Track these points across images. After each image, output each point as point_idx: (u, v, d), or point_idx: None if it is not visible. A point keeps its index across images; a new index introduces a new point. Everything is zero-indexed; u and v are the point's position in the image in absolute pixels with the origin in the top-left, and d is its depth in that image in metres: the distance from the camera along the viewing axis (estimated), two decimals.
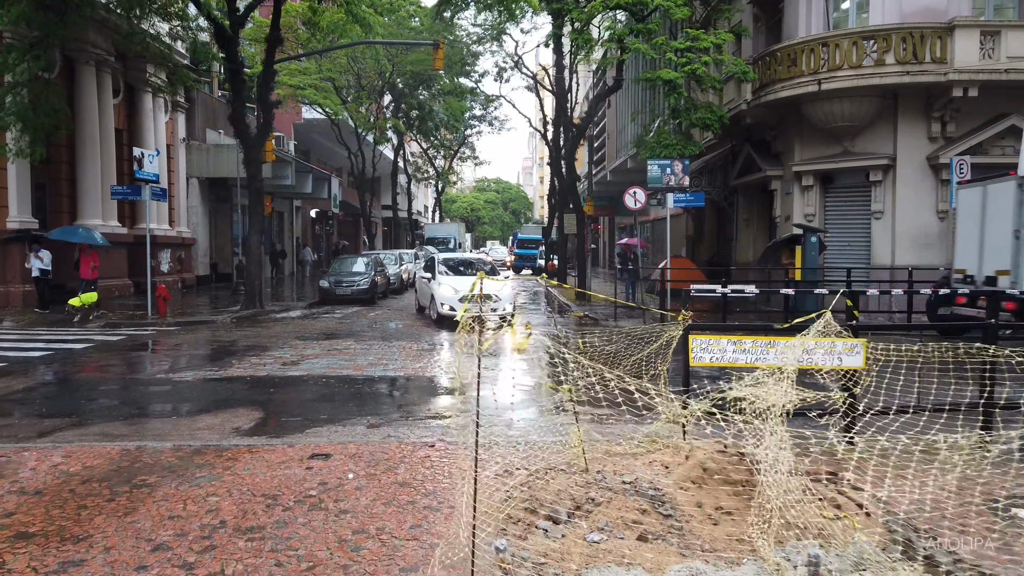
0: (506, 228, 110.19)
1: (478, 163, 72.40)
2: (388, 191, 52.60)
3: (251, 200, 18.83)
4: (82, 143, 20.44)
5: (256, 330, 14.75)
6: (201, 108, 28.58)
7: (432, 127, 46.47)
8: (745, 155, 21.23)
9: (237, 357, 11.20)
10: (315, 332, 14.47)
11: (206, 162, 27.81)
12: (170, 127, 26.04)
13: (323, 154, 45.22)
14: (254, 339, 13.29)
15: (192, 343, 12.87)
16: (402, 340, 13.34)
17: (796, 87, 17.52)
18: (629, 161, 32.87)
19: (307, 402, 7.88)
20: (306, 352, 11.66)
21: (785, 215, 19.59)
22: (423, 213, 75.21)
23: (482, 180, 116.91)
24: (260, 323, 16.23)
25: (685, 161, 16.83)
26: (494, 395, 7.97)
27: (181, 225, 26.57)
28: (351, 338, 13.58)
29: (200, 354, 11.66)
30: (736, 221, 23.39)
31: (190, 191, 27.74)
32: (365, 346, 12.44)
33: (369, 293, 22.25)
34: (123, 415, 7.24)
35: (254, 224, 18.79)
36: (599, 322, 16.94)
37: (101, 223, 20.83)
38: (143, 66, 22.86)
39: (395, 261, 28.31)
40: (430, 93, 43.84)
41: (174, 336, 13.75)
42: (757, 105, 18.90)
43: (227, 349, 12.25)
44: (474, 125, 56.99)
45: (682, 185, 16.81)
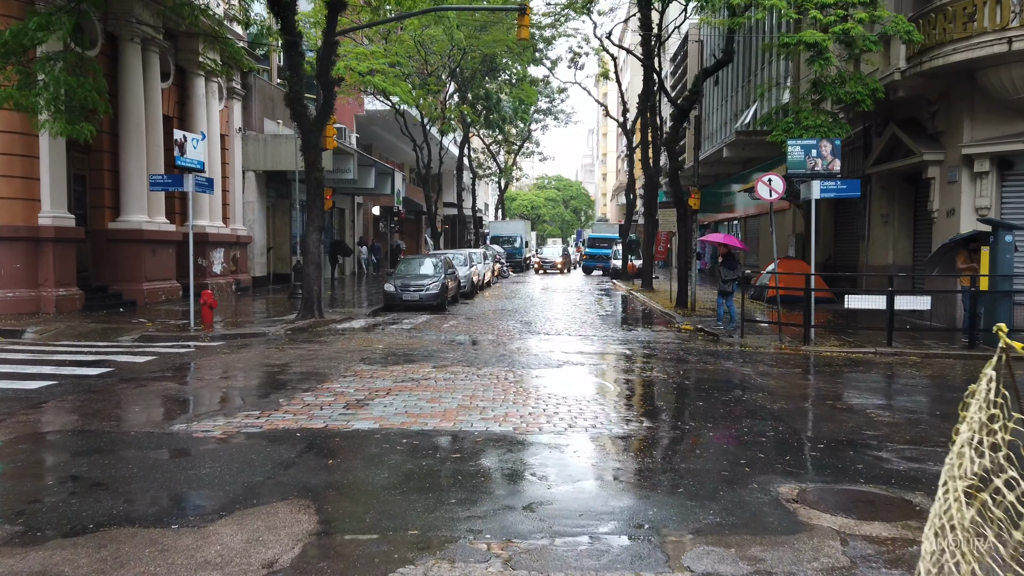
0: (566, 226, 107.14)
1: (543, 158, 69.81)
2: (451, 188, 50.18)
3: (309, 192, 16.34)
4: (126, 130, 18.34)
5: (313, 348, 12.16)
6: (259, 96, 26.45)
7: (497, 119, 43.82)
8: (888, 137, 17.69)
9: (287, 392, 8.55)
10: (382, 352, 11.79)
11: (263, 154, 25.66)
12: (225, 116, 23.93)
13: (385, 148, 43.00)
14: (310, 362, 10.67)
15: (233, 367, 10.32)
16: (492, 366, 10.51)
17: (974, 48, 14.00)
18: (725, 150, 29.42)
19: (384, 491, 5.07)
20: (375, 385, 8.93)
21: (947, 208, 16.03)
22: (484, 211, 72.79)
23: (542, 177, 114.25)
24: (318, 337, 13.68)
25: (836, 141, 13.53)
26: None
27: (236, 222, 24.45)
28: (427, 361, 10.83)
29: (240, 386, 9.05)
30: (868, 217, 19.83)
31: (246, 185, 25.63)
32: (448, 376, 9.66)
33: (439, 299, 19.61)
34: (85, 520, 4.53)
35: (312, 220, 16.30)
36: (746, 348, 13.77)
37: (147, 219, 18.73)
38: (195, 46, 20.70)
39: (464, 262, 25.62)
40: (497, 84, 41.20)
41: (214, 355, 11.25)
42: (915, 75, 15.41)
43: (275, 378, 9.64)
44: (539, 119, 54.25)
45: (831, 171, 13.52)
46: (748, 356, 12.08)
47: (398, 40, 29.92)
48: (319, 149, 16.44)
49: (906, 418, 7.58)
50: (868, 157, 19.05)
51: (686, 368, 10.65)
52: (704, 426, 7.06)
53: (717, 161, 32.49)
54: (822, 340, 13.69)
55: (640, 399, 8.72)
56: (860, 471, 5.65)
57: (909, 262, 18.67)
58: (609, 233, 47.53)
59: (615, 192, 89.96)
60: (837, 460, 5.95)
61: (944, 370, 11.04)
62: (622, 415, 7.53)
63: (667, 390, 9.17)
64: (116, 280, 18.26)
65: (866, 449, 6.32)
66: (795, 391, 9.13)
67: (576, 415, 7.48)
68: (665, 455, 6.13)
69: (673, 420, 7.45)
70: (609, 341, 13.91)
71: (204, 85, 21.85)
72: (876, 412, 7.83)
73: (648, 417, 7.52)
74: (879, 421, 7.40)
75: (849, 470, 5.68)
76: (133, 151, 18.38)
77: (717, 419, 7.38)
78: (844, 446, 6.40)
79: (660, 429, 7.03)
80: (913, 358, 12.08)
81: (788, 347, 13.13)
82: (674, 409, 8.15)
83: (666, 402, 8.51)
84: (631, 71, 64.29)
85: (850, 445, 6.44)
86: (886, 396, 9.11)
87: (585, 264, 46.35)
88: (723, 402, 8.26)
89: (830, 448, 6.31)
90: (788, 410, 7.90)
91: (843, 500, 4.97)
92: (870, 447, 6.41)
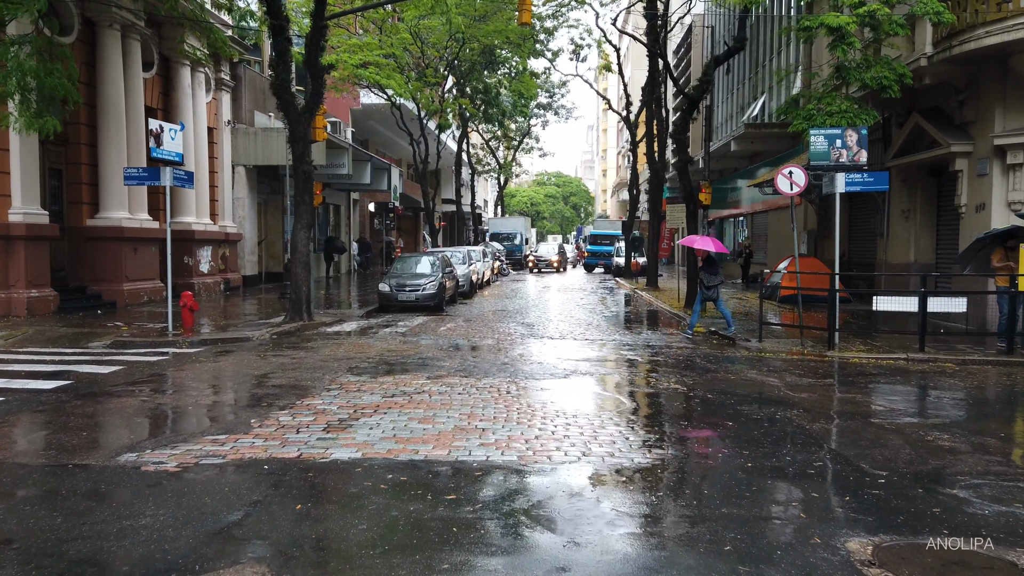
0: (566, 223, 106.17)
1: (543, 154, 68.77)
2: (449, 184, 49.16)
3: (297, 187, 15.35)
4: (105, 122, 17.34)
5: (298, 355, 11.19)
6: (249, 88, 25.43)
7: (496, 114, 42.81)
8: (911, 127, 16.71)
9: (261, 410, 7.58)
10: (373, 359, 10.81)
11: (254, 148, 24.64)
12: (213, 108, 22.92)
13: (382, 143, 41.99)
14: (292, 372, 9.70)
15: (207, 379, 9.35)
16: (492, 376, 9.55)
17: (1010, 31, 13.03)
18: (733, 144, 28.41)
19: (361, 552, 4.08)
20: (361, 400, 7.96)
21: (976, 203, 15.07)
22: (483, 207, 71.79)
23: (542, 174, 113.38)
24: (306, 342, 12.71)
25: (862, 130, 12.55)
26: None
27: (225, 219, 23.45)
28: (422, 371, 9.87)
29: (209, 403, 8.08)
30: (886, 212, 18.87)
31: (236, 181, 24.62)
32: (444, 389, 8.69)
33: (436, 299, 18.65)
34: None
35: (301, 216, 15.31)
36: (766, 353, 12.83)
37: (127, 216, 17.74)
38: (179, 34, 19.65)
39: (463, 260, 24.63)
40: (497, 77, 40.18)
41: (189, 365, 10.27)
42: (943, 60, 14.44)
43: (251, 392, 8.67)
44: (539, 114, 53.26)
45: (857, 162, 12.55)
46: (770, 364, 11.11)
47: (393, 31, 28.89)
48: (308, 141, 15.45)
49: (968, 442, 6.62)
50: (888, 149, 18.08)
51: (706, 378, 9.69)
52: (739, 453, 6.10)
53: (723, 156, 31.49)
54: (847, 345, 12.74)
55: (660, 418, 7.76)
56: (938, 517, 4.69)
57: (932, 260, 17.71)
58: (611, 230, 46.55)
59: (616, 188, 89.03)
60: (906, 501, 4.98)
61: (987, 379, 10.08)
62: (642, 438, 6.57)
63: (689, 406, 8.20)
64: (95, 280, 17.27)
65: (936, 485, 5.36)
66: (832, 406, 8.17)
67: (589, 439, 6.52)
68: (700, 495, 5.17)
69: (702, 445, 6.48)
70: (618, 346, 12.94)
71: (190, 75, 20.85)
72: (931, 434, 6.87)
73: (672, 442, 6.56)
74: (939, 447, 6.45)
75: (925, 516, 4.72)
76: (113, 144, 17.39)
77: (752, 444, 6.42)
78: (909, 481, 5.44)
79: (689, 458, 6.06)
80: (949, 365, 11.12)
81: (811, 352, 12.17)
82: (701, 430, 7.18)
83: (690, 421, 7.54)
84: (633, 64, 63.28)
85: (915, 480, 5.48)
86: (935, 412, 8.14)
87: (587, 261, 45.36)
88: (755, 421, 7.30)
89: (893, 484, 5.35)
90: (830, 432, 6.94)
91: (931, 563, 4.01)
92: (940, 482, 5.46)
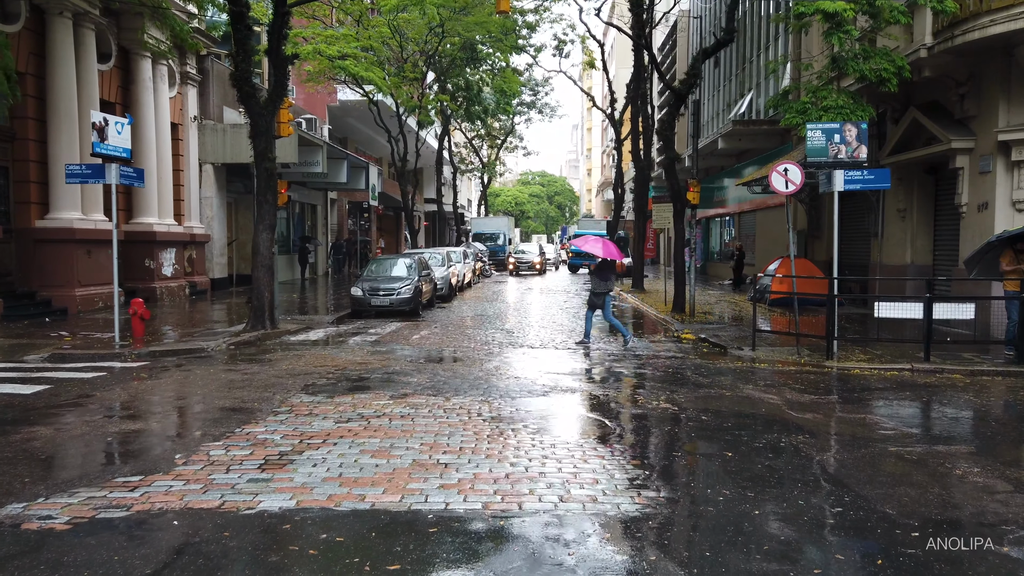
0: (551, 222, 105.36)
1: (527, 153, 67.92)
2: (431, 183, 48.11)
3: (259, 185, 14.33)
4: (56, 116, 16.21)
5: (251, 370, 10.19)
6: (217, 82, 24.30)
7: (479, 111, 41.86)
8: (909, 122, 15.94)
9: (192, 440, 6.60)
10: (334, 374, 9.84)
11: (222, 145, 23.54)
12: (178, 103, 21.81)
13: (362, 141, 40.91)
14: (240, 391, 8.70)
15: (141, 401, 8.33)
16: (463, 394, 8.61)
17: (1016, 19, 12.25)
18: (720, 141, 27.62)
19: None
20: (311, 428, 6.99)
21: (978, 202, 14.31)
22: (467, 207, 70.79)
23: (526, 173, 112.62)
24: (264, 354, 11.70)
25: (862, 125, 11.74)
26: None
27: (192, 219, 22.34)
28: (385, 388, 8.91)
29: (134, 432, 7.06)
30: (881, 212, 18.10)
31: (204, 179, 23.51)
32: (407, 411, 7.74)
33: (412, 304, 17.70)
34: None
35: (263, 217, 14.28)
36: (761, 363, 11.98)
37: (80, 216, 16.62)
38: (140, 24, 18.53)
39: (442, 262, 23.66)
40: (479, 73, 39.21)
41: (127, 383, 9.25)
42: (944, 51, 13.65)
43: (185, 417, 7.69)
44: (523, 112, 52.39)
45: (857, 159, 11.72)
46: (766, 376, 10.26)
47: (371, 24, 27.85)
48: (271, 136, 14.43)
49: (1003, 476, 5.77)
50: (883, 146, 17.31)
51: (698, 395, 8.80)
52: (743, 496, 5.20)
53: (710, 154, 30.75)
54: (846, 353, 11.91)
55: (650, 447, 6.84)
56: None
57: (929, 262, 16.97)
58: (596, 230, 45.68)
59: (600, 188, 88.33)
60: (950, 566, 4.10)
61: (1002, 394, 9.28)
62: (629, 476, 5.66)
63: (681, 431, 7.30)
64: (44, 285, 16.15)
65: (979, 537, 4.49)
66: (841, 430, 7.30)
67: (569, 477, 5.60)
68: (703, 558, 4.25)
69: (699, 485, 5.57)
70: (603, 356, 12.04)
71: (151, 68, 19.73)
72: (959, 466, 6.02)
73: (665, 480, 5.66)
74: (972, 484, 5.58)
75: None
76: (64, 140, 16.27)
77: (757, 483, 5.53)
78: (945, 531, 4.56)
79: (684, 502, 5.15)
80: (958, 377, 10.32)
81: (809, 362, 11.34)
82: (697, 464, 6.28)
83: (684, 452, 6.64)
84: (617, 63, 62.54)
85: (954, 529, 4.61)
86: (956, 437, 7.30)
87: (571, 262, 44.49)
88: (757, 451, 6.41)
89: (928, 538, 4.47)
90: (845, 464, 6.06)
91: None
92: (981, 532, 4.59)
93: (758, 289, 20.18)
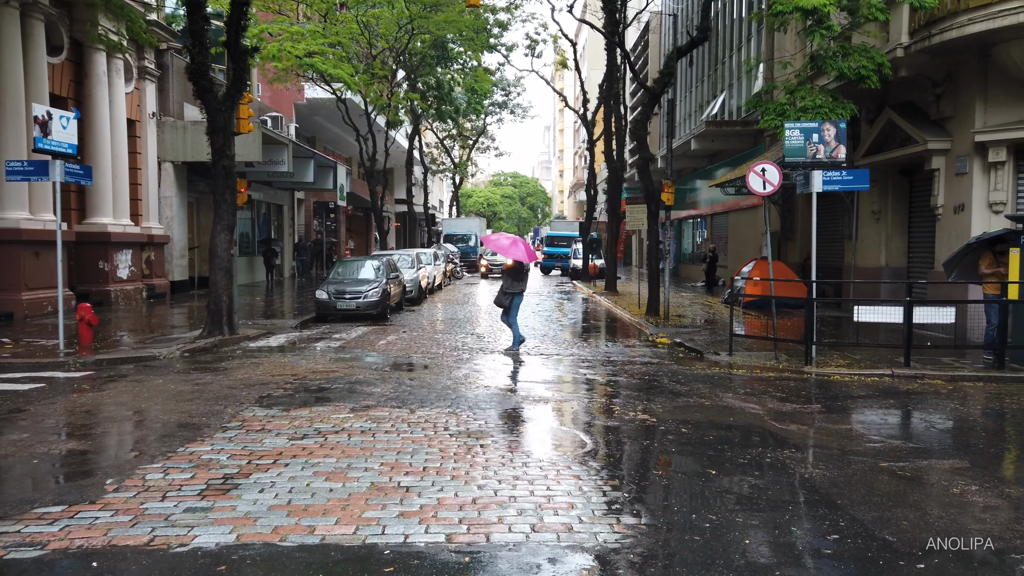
0: (523, 223, 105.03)
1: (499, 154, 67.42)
2: (402, 184, 47.42)
3: (216, 184, 13.66)
4: (1, 112, 15.35)
5: (204, 380, 9.57)
6: (178, 78, 23.41)
7: (450, 111, 41.32)
8: (884, 123, 15.78)
9: (128, 462, 6.01)
10: (292, 384, 9.26)
11: (183, 143, 22.69)
12: (135, 98, 20.94)
13: (330, 140, 40.11)
14: (189, 403, 8.10)
15: (77, 417, 7.68)
16: (429, 406, 8.10)
17: (996, 17, 12.08)
18: (693, 142, 27.41)
19: None
20: (262, 446, 6.43)
21: (954, 203, 14.15)
22: (439, 208, 70.10)
23: (499, 174, 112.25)
24: (220, 361, 11.07)
25: (841, 124, 11.45)
26: None
27: (150, 220, 21.47)
28: (346, 400, 8.36)
29: (63, 453, 6.45)
30: (855, 213, 17.94)
31: (163, 178, 22.65)
32: (368, 424, 7.21)
33: (379, 307, 17.12)
34: None
35: (221, 217, 13.62)
36: (738, 369, 11.64)
37: (27, 216, 15.78)
38: (93, 16, 17.69)
39: (412, 263, 23.09)
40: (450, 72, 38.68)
41: (65, 396, 8.58)
42: (921, 51, 13.47)
43: (125, 435, 7.07)
44: (495, 112, 51.97)
45: (835, 159, 11.44)
46: (746, 384, 9.90)
47: (338, 20, 27.16)
48: (229, 132, 13.77)
49: (1002, 495, 5.43)
50: (858, 147, 17.13)
51: (677, 404, 8.40)
52: (731, 521, 4.77)
53: (682, 155, 30.56)
54: (824, 359, 11.62)
55: (628, 465, 6.40)
56: None
57: (904, 264, 16.85)
58: (569, 231, 45.44)
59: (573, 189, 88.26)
60: None
61: (987, 401, 9.02)
62: (607, 499, 5.21)
63: (660, 445, 6.87)
64: None
65: (990, 569, 4.11)
66: (827, 443, 6.93)
67: (542, 501, 5.13)
68: None
69: (683, 509, 5.13)
70: (576, 362, 11.61)
71: (106, 62, 18.88)
72: (955, 483, 5.67)
73: (645, 503, 5.21)
74: (971, 504, 5.22)
75: None
76: (10, 136, 15.42)
77: (745, 505, 5.12)
78: (953, 564, 4.17)
79: (667, 530, 4.70)
80: (939, 382, 10.06)
81: (788, 368, 11.03)
82: (678, 484, 5.85)
83: (664, 470, 6.20)
84: (590, 64, 62.43)
85: (961, 562, 4.22)
86: (947, 449, 6.97)
87: (544, 264, 44.12)
88: (741, 468, 6.00)
89: (935, 570, 4.08)
90: (836, 483, 5.67)
91: None
92: (988, 562, 4.21)
93: (732, 292, 19.96)
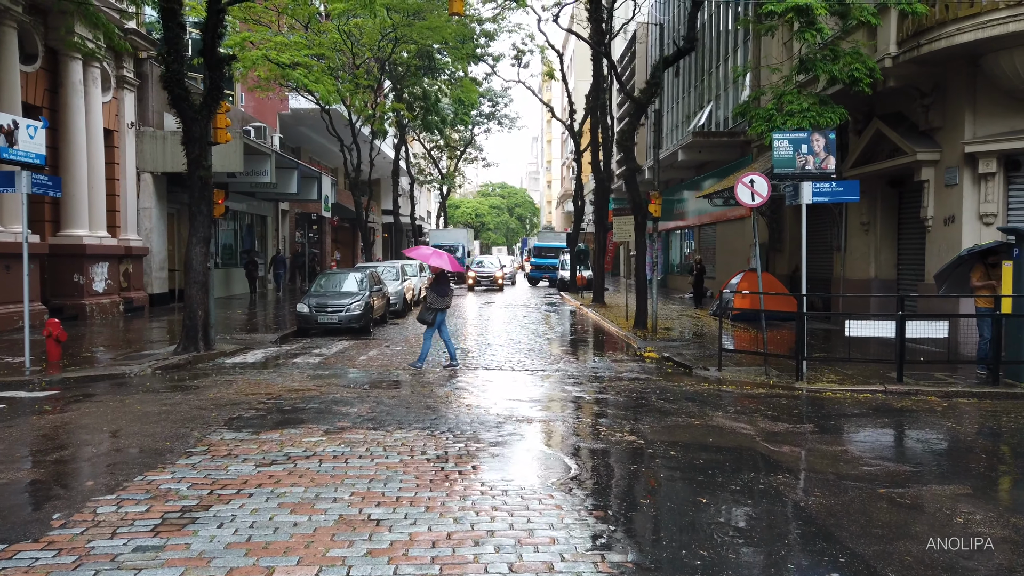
0: (512, 234, 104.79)
1: (486, 165, 67.14)
2: (389, 194, 47.12)
3: (192, 195, 13.29)
4: None
5: (175, 398, 9.17)
6: (157, 87, 22.88)
7: (436, 121, 41.07)
8: (872, 134, 15.63)
9: (80, 493, 5.62)
10: (266, 404, 8.88)
11: (162, 153, 22.26)
12: (113, 108, 20.54)
13: (315, 151, 39.78)
14: (154, 425, 7.70)
15: (32, 440, 7.28)
16: (407, 428, 7.75)
17: (984, 27, 11.95)
18: (680, 153, 27.28)
19: None
20: (226, 474, 6.06)
21: (944, 215, 13.99)
22: (426, 218, 69.76)
23: (487, 185, 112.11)
24: (194, 379, 10.66)
25: (830, 134, 11.25)
26: None
27: (128, 231, 21.03)
28: (321, 421, 7.99)
29: (16, 480, 6.04)
30: (844, 225, 17.79)
31: (142, 189, 22.21)
32: (341, 448, 6.85)
33: (362, 320, 16.76)
34: None
35: (197, 229, 13.24)
36: (727, 385, 11.35)
37: None
38: (68, 24, 17.29)
39: (396, 276, 22.75)
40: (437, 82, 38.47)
41: (25, 417, 8.16)
42: (909, 60, 13.33)
43: (81, 462, 6.67)
44: (482, 122, 51.82)
45: (825, 169, 11.23)
46: (736, 401, 9.61)
47: (320, 30, 26.89)
48: (206, 142, 13.41)
49: (1007, 524, 5.14)
50: (846, 158, 16.99)
51: (665, 425, 8.08)
52: (724, 559, 4.45)
53: (669, 166, 30.43)
54: (816, 374, 11.37)
55: (614, 491, 6.07)
56: None
57: (893, 276, 16.68)
58: (556, 242, 45.24)
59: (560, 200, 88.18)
60: None
61: (983, 419, 8.76)
62: (592, 532, 4.88)
63: (649, 470, 6.55)
64: None
65: None
66: (822, 467, 6.63)
67: (522, 536, 4.79)
68: None
69: (672, 544, 4.80)
70: (562, 378, 11.28)
71: (82, 71, 18.49)
72: (959, 512, 5.38)
73: (632, 536, 4.88)
74: (976, 534, 4.93)
75: None
76: None
77: (738, 539, 4.80)
78: None
79: (654, 569, 4.37)
80: (933, 399, 9.82)
81: (778, 384, 10.76)
82: (668, 514, 5.52)
83: (653, 500, 5.87)
84: (577, 75, 62.42)
85: None
86: (946, 473, 6.68)
87: (531, 275, 43.86)
88: (734, 496, 5.69)
89: None
90: (833, 512, 5.36)
91: None
92: None
93: (720, 304, 19.72)
